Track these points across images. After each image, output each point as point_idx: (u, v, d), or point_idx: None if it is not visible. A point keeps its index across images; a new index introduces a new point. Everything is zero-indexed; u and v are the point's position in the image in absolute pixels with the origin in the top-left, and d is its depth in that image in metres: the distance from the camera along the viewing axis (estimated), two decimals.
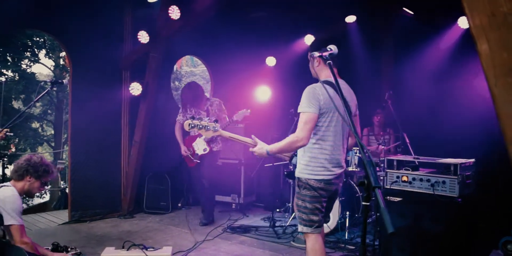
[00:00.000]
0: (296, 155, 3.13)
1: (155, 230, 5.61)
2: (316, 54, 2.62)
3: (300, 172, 3.04)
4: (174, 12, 5.70)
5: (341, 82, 3.09)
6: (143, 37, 5.97)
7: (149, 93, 6.30)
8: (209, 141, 5.63)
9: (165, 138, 6.46)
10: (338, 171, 3.03)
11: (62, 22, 5.75)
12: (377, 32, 6.99)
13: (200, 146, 5.66)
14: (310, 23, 7.18)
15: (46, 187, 3.65)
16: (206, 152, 5.64)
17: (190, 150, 5.72)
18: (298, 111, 2.90)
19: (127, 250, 3.99)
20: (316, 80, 3.09)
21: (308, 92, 2.89)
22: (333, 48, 2.69)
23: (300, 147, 2.90)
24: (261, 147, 3.04)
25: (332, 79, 3.03)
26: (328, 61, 2.52)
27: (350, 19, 6.81)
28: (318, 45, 2.92)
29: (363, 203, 1.65)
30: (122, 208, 6.47)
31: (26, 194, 3.40)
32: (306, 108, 2.85)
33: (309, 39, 7.20)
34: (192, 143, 5.74)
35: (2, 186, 3.29)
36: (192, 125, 3.17)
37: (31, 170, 3.34)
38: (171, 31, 6.07)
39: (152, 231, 5.52)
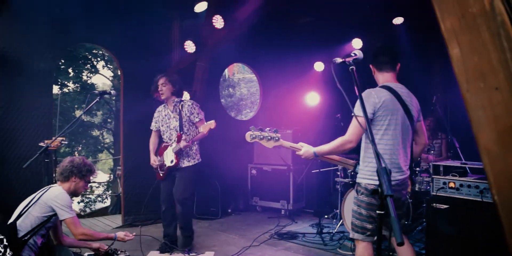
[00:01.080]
0: (359, 163, 3.10)
1: (203, 235, 5.71)
2: (339, 60, 2.56)
3: (360, 177, 3.03)
4: (218, 22, 5.84)
5: (399, 86, 3.09)
6: (190, 46, 6.14)
7: (196, 101, 6.42)
8: (178, 153, 4.82)
9: (214, 145, 6.54)
10: (399, 176, 2.96)
11: (113, 35, 6.04)
12: (426, 33, 6.78)
13: (168, 157, 4.90)
14: (357, 27, 7.08)
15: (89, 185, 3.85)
16: (172, 164, 4.83)
17: (162, 160, 4.99)
18: (352, 113, 2.89)
19: (170, 254, 4.12)
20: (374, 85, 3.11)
21: (363, 96, 2.86)
22: (357, 53, 2.64)
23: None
24: (308, 150, 3.07)
25: (391, 84, 3.02)
26: (351, 67, 2.46)
27: (398, 20, 6.68)
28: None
29: (378, 211, 1.62)
30: None
31: (73, 194, 3.58)
32: (358, 112, 2.82)
33: (356, 42, 7.12)
34: (164, 152, 5.00)
35: (50, 187, 3.49)
36: (253, 136, 3.13)
37: (75, 171, 3.52)
38: (216, 40, 6.21)
39: (201, 237, 5.62)
